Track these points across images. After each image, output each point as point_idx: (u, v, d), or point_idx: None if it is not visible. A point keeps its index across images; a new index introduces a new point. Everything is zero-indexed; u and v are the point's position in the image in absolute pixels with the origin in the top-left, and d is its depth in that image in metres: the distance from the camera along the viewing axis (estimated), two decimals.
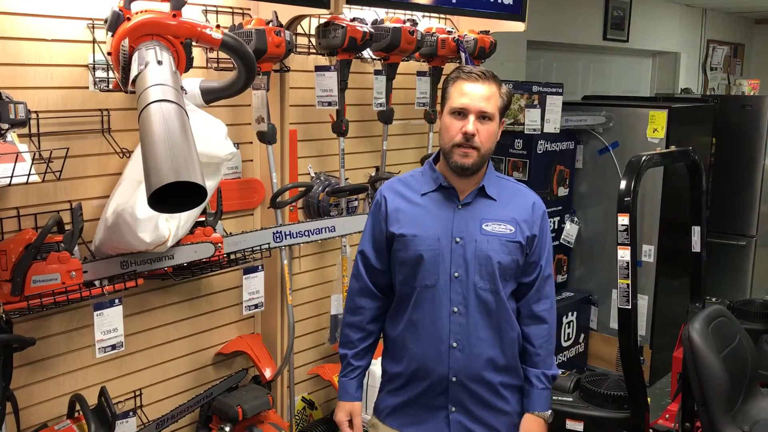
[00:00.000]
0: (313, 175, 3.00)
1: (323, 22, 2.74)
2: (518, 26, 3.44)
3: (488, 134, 1.92)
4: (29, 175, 1.86)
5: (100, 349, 2.17)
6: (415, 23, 2.99)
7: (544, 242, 2.05)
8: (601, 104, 4.55)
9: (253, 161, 2.76)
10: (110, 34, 1.94)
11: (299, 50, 2.77)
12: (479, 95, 1.91)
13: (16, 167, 1.81)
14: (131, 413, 2.37)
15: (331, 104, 2.82)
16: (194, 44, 2.05)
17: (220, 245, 2.39)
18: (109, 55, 2.00)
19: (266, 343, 2.82)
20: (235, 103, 2.58)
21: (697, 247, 3.14)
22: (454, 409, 2.00)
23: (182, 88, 1.87)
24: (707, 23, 7.54)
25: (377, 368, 2.21)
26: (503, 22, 3.36)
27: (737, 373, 2.66)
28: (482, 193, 2.00)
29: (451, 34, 3.18)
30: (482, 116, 1.91)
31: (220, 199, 2.45)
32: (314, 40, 2.80)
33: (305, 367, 3.08)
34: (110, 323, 2.18)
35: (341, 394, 2.12)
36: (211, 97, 2.30)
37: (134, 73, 1.82)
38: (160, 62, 1.81)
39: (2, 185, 1.83)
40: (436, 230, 1.97)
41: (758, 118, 5.07)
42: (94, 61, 2.17)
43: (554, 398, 2.90)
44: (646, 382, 3.36)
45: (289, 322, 2.79)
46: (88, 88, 2.18)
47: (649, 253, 4.31)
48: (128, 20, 1.91)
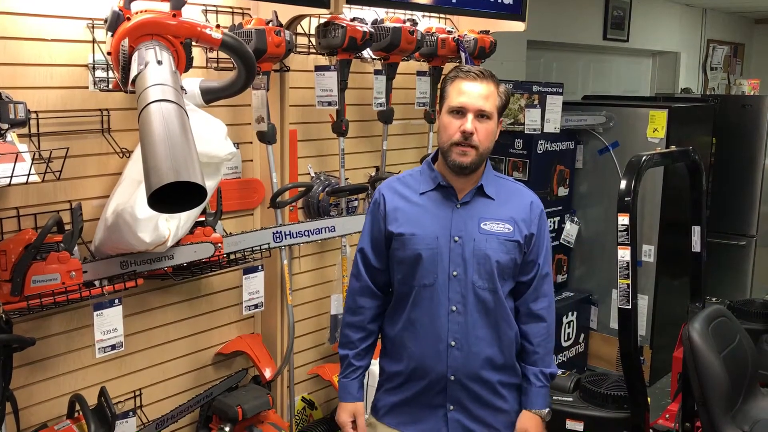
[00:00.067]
0: (313, 175, 3.00)
1: (323, 21, 2.74)
2: (518, 26, 3.44)
3: (487, 133, 1.93)
4: (29, 175, 1.86)
5: (99, 349, 2.17)
6: (415, 23, 2.99)
7: (542, 241, 2.05)
8: (601, 104, 4.54)
9: (253, 161, 2.76)
10: (110, 34, 1.94)
11: (299, 50, 2.77)
12: (477, 94, 1.91)
13: (15, 167, 1.81)
14: (131, 413, 2.37)
15: (331, 104, 2.82)
16: (194, 44, 2.05)
17: (220, 245, 2.39)
18: (108, 54, 2.00)
19: (266, 343, 2.82)
20: (235, 103, 2.58)
21: (697, 247, 3.14)
22: (452, 407, 2.01)
23: (182, 88, 1.87)
24: (707, 23, 7.54)
25: (376, 368, 2.21)
26: (503, 21, 3.36)
27: (737, 373, 2.66)
28: (480, 192, 2.00)
29: (451, 33, 3.18)
30: (480, 115, 1.91)
31: (220, 199, 2.44)
32: (314, 39, 2.80)
33: (305, 367, 3.08)
34: (110, 323, 2.18)
35: (343, 395, 2.11)
36: (211, 97, 2.30)
37: (134, 72, 1.82)
38: (159, 62, 1.81)
39: (2, 185, 1.82)
40: (434, 229, 1.97)
41: (758, 117, 5.06)
42: (93, 61, 2.17)
43: (554, 398, 2.90)
44: (646, 382, 3.36)
45: (289, 322, 2.79)
46: (87, 87, 2.18)
47: (649, 253, 4.31)
48: (128, 20, 1.91)
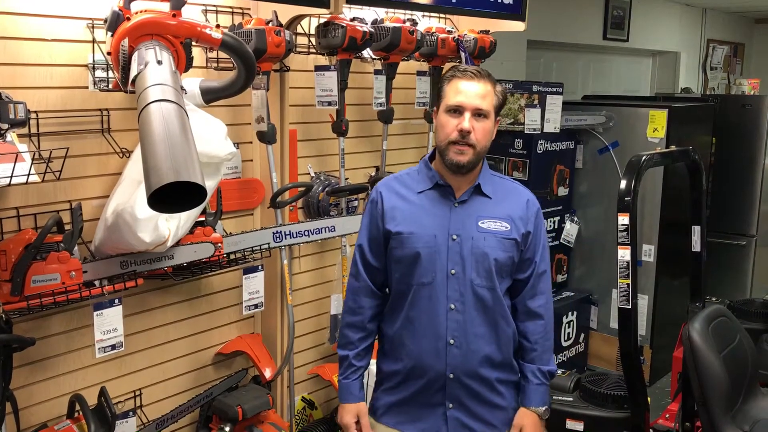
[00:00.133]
0: (313, 174, 3.00)
1: (323, 21, 2.74)
2: (518, 26, 3.44)
3: (484, 132, 1.94)
4: (29, 175, 1.86)
5: (99, 349, 2.17)
6: (415, 23, 2.99)
7: (538, 239, 2.06)
8: (601, 104, 4.54)
9: (253, 161, 2.76)
10: (110, 33, 1.94)
11: (299, 50, 2.77)
12: (475, 93, 1.92)
13: (15, 167, 1.81)
14: (131, 413, 2.37)
15: (331, 104, 2.82)
16: (194, 44, 2.05)
17: (220, 245, 2.39)
18: (108, 54, 2.00)
19: (266, 343, 2.82)
20: (235, 102, 2.57)
21: (697, 246, 3.14)
22: (451, 405, 2.01)
23: (182, 87, 1.87)
24: (707, 23, 7.54)
25: (374, 367, 2.20)
26: (503, 21, 3.36)
27: (737, 372, 2.66)
28: (478, 190, 2.01)
29: (451, 33, 3.18)
30: (478, 114, 1.92)
31: (220, 199, 2.44)
32: (314, 39, 2.80)
33: (305, 367, 3.08)
34: (110, 323, 2.18)
35: (345, 396, 2.10)
36: (211, 96, 2.30)
37: (134, 72, 1.82)
38: (159, 62, 1.81)
39: (2, 185, 1.82)
40: (432, 228, 1.97)
41: (758, 117, 5.06)
42: (93, 60, 2.17)
43: (554, 398, 2.90)
44: (646, 381, 3.36)
45: (289, 322, 2.79)
46: (87, 87, 2.18)
47: (649, 252, 4.31)
48: (128, 20, 1.91)
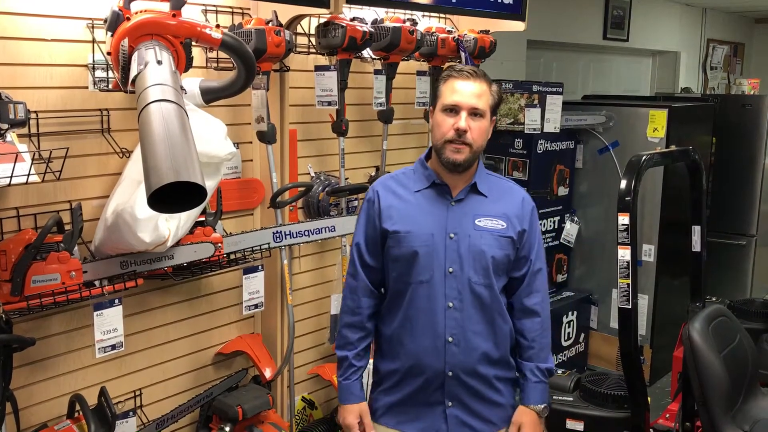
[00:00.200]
0: (313, 174, 3.00)
1: (323, 21, 2.74)
2: (518, 26, 3.44)
3: (480, 131, 1.95)
4: (29, 175, 1.86)
5: (100, 349, 2.17)
6: (414, 23, 2.99)
7: (534, 237, 2.07)
8: (601, 104, 4.54)
9: (253, 161, 2.76)
10: (110, 33, 1.94)
11: (299, 50, 2.77)
12: (470, 92, 1.93)
13: (15, 167, 1.81)
14: (131, 413, 2.37)
15: (330, 104, 2.82)
16: (194, 44, 2.04)
17: (220, 245, 2.39)
18: (108, 54, 2.00)
19: (266, 343, 2.82)
20: (234, 102, 2.57)
21: (697, 246, 3.14)
22: (450, 403, 2.01)
23: (182, 87, 1.87)
24: (707, 22, 7.54)
25: (370, 366, 2.20)
26: (503, 21, 3.36)
27: (737, 372, 2.66)
28: (474, 189, 2.02)
29: (450, 33, 3.18)
30: (474, 113, 1.93)
31: (220, 199, 2.44)
32: (314, 39, 2.80)
33: (305, 367, 3.08)
34: (110, 323, 2.18)
35: (346, 396, 2.09)
36: (210, 96, 2.30)
37: (134, 72, 1.82)
38: (159, 62, 1.81)
39: (2, 185, 1.82)
40: (429, 226, 1.98)
41: (758, 117, 5.06)
42: (93, 61, 2.16)
43: (554, 398, 2.90)
44: (646, 381, 3.36)
45: (289, 322, 2.79)
46: (87, 87, 2.18)
47: (649, 252, 4.31)
48: (128, 20, 1.91)
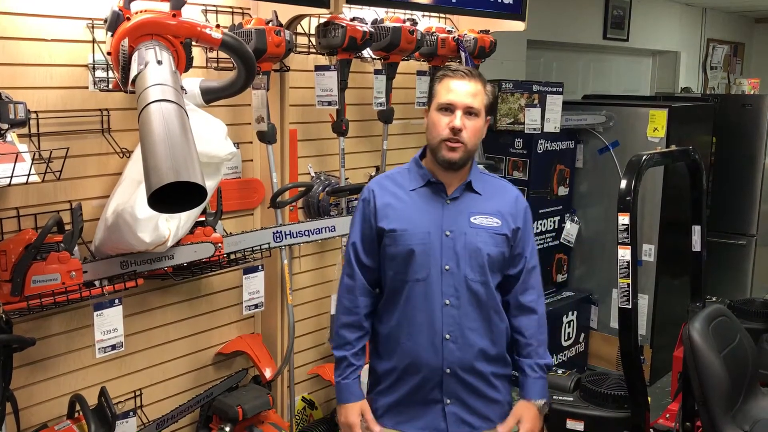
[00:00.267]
0: (313, 174, 3.00)
1: (323, 21, 2.74)
2: (518, 25, 3.44)
3: (474, 130, 1.96)
4: (29, 175, 1.86)
5: (100, 349, 2.17)
6: (414, 23, 2.99)
7: (527, 235, 2.09)
8: (601, 103, 4.54)
9: (253, 161, 2.76)
10: (110, 33, 1.94)
11: (299, 50, 2.77)
12: (465, 92, 1.94)
13: (15, 167, 1.81)
14: (131, 413, 2.37)
15: (331, 104, 2.82)
16: (194, 44, 2.04)
17: (220, 245, 2.39)
18: (108, 54, 2.00)
19: (266, 343, 2.82)
20: (235, 102, 2.57)
21: (697, 246, 3.14)
22: (449, 401, 2.02)
23: (182, 87, 1.87)
24: (707, 22, 7.54)
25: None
26: (503, 21, 3.36)
27: (738, 372, 2.66)
28: (469, 187, 2.04)
29: (451, 33, 3.18)
30: (469, 112, 1.95)
31: (220, 199, 2.44)
32: (314, 39, 2.80)
33: (305, 367, 3.08)
34: (110, 323, 2.18)
35: (346, 396, 2.07)
36: (211, 96, 2.30)
37: (134, 72, 1.82)
38: (159, 62, 1.81)
39: (2, 185, 1.82)
40: (425, 225, 1.99)
41: (758, 117, 5.06)
42: (93, 61, 2.16)
43: (554, 398, 2.90)
44: (646, 381, 3.35)
45: (289, 322, 2.79)
46: (87, 88, 2.18)
47: (649, 252, 4.31)
48: (128, 20, 1.91)
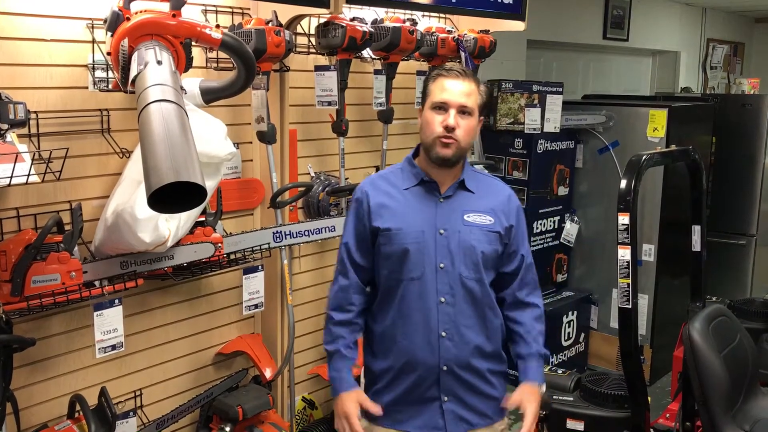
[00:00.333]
0: (313, 174, 3.00)
1: (323, 21, 2.74)
2: (518, 25, 3.44)
3: (467, 129, 1.97)
4: (29, 175, 1.86)
5: (100, 349, 2.17)
6: (414, 23, 2.99)
7: (521, 232, 2.11)
8: (601, 103, 4.55)
9: (253, 161, 2.76)
10: (110, 34, 1.94)
11: (299, 50, 2.77)
12: (459, 91, 1.95)
13: (15, 167, 1.81)
14: (131, 413, 2.37)
15: (330, 104, 2.82)
16: (194, 44, 2.04)
17: (220, 245, 2.39)
18: (108, 55, 2.00)
19: (266, 343, 2.82)
20: (235, 102, 2.57)
21: (697, 246, 3.14)
22: (446, 398, 2.02)
23: (182, 88, 1.87)
24: (707, 22, 7.54)
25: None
26: (503, 21, 3.36)
27: (738, 372, 2.66)
28: (462, 186, 2.05)
29: (450, 33, 3.18)
30: (462, 111, 1.96)
31: (220, 199, 2.44)
32: (314, 39, 2.80)
33: (305, 367, 3.08)
34: (110, 323, 2.18)
35: (341, 386, 2.04)
36: (210, 97, 2.30)
37: (134, 73, 1.82)
38: (159, 62, 1.81)
39: (2, 185, 1.82)
40: (420, 223, 2.00)
41: (758, 117, 5.06)
42: (93, 61, 2.17)
43: (555, 398, 2.90)
44: (646, 381, 3.35)
45: (289, 322, 2.79)
46: (87, 88, 2.18)
47: (649, 252, 4.31)
48: (128, 20, 1.91)
